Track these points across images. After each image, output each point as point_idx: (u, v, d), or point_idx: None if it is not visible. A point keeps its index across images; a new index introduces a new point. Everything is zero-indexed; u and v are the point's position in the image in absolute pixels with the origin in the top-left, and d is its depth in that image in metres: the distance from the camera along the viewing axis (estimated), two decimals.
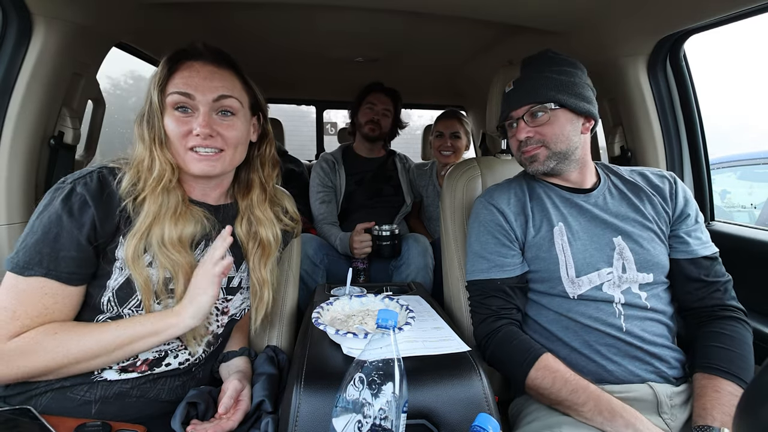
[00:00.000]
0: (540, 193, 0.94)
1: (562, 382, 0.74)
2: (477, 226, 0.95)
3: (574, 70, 0.90)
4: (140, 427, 0.67)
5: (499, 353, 0.83)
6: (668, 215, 0.90)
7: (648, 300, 0.83)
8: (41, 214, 0.65)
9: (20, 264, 0.63)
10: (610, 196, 0.92)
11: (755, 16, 0.98)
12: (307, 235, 1.58)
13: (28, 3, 0.93)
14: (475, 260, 0.93)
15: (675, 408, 0.77)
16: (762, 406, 0.33)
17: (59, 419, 0.64)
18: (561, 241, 0.87)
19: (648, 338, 0.82)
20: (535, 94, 0.87)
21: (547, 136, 0.87)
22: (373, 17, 1.41)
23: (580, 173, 0.93)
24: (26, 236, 0.65)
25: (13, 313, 0.63)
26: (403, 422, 0.51)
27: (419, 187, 1.96)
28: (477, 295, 0.91)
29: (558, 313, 0.86)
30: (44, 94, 1.00)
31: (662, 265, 0.87)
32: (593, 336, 0.83)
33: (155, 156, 0.71)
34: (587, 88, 0.90)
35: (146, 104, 0.73)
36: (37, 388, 0.67)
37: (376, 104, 1.79)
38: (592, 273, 0.84)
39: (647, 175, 0.95)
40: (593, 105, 0.89)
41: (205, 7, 1.32)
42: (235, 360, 0.84)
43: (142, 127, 0.73)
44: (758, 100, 7.13)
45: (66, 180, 0.68)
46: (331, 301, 0.84)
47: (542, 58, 0.92)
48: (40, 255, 0.63)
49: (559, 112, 0.87)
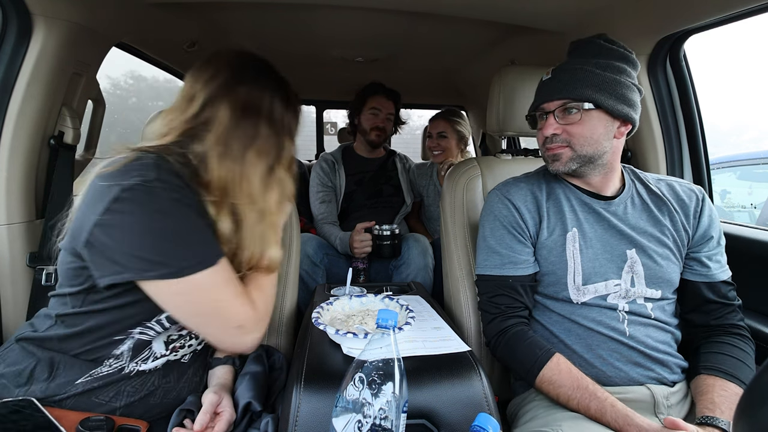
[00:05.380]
0: (559, 193, 0.89)
1: (571, 382, 0.75)
2: (492, 220, 0.91)
3: (624, 65, 0.81)
4: (143, 422, 0.68)
5: (509, 352, 0.83)
6: (688, 234, 0.86)
7: (653, 311, 0.83)
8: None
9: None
10: (631, 206, 0.87)
11: (755, 16, 0.98)
12: (306, 235, 1.58)
13: (27, 3, 0.93)
14: (489, 255, 0.90)
15: (671, 408, 0.78)
16: (761, 407, 0.33)
17: (63, 412, 0.64)
18: (573, 248, 0.85)
19: (652, 344, 0.81)
20: (572, 89, 0.80)
21: (575, 137, 0.82)
22: (374, 17, 1.41)
23: (603, 178, 0.87)
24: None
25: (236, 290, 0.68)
26: (403, 422, 0.51)
27: (419, 187, 1.96)
28: (487, 291, 0.89)
29: (561, 315, 0.85)
30: (44, 94, 1.00)
31: (672, 283, 0.85)
32: (596, 340, 0.82)
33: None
34: (632, 89, 0.81)
35: None
36: (71, 390, 0.67)
37: (380, 110, 1.78)
38: (599, 283, 0.83)
39: (675, 187, 0.90)
40: (634, 108, 0.82)
41: (205, 7, 1.31)
42: (217, 369, 0.82)
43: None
44: (758, 101, 7.13)
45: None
46: (331, 300, 0.84)
47: (592, 46, 0.84)
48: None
49: (593, 113, 0.80)
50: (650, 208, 0.87)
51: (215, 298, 0.66)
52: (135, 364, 0.70)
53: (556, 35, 1.30)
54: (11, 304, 0.97)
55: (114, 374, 0.69)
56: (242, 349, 0.73)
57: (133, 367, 0.70)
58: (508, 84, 1.11)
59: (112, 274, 0.60)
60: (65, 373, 0.66)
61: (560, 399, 0.76)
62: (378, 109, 1.78)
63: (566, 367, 0.77)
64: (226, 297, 0.67)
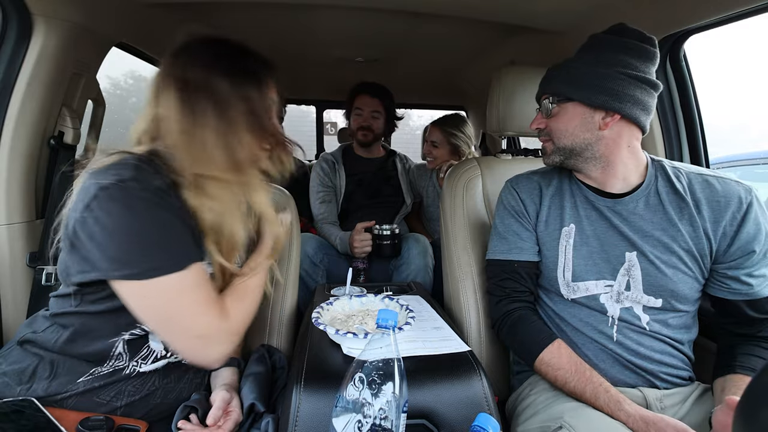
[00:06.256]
0: (566, 189, 0.89)
1: (570, 366, 0.77)
2: (502, 209, 0.95)
3: (618, 56, 0.77)
4: (142, 423, 0.68)
5: (512, 333, 0.86)
6: (710, 243, 0.77)
7: (649, 324, 0.79)
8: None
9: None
10: (644, 206, 0.81)
11: (755, 16, 0.98)
12: (307, 235, 1.58)
13: (28, 3, 0.93)
14: (498, 240, 0.94)
15: (665, 410, 0.77)
16: (762, 408, 0.33)
17: (63, 412, 0.64)
18: (566, 243, 0.86)
19: (643, 353, 0.79)
20: (547, 85, 0.86)
21: (553, 130, 0.85)
22: (374, 17, 1.41)
23: (603, 172, 0.83)
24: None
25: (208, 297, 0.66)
26: (403, 422, 0.51)
27: (419, 187, 1.96)
28: (495, 275, 0.93)
29: (553, 310, 0.87)
30: (44, 94, 1.00)
31: (678, 293, 0.77)
32: (581, 339, 0.83)
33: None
34: (621, 79, 0.76)
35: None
36: (73, 389, 0.67)
37: (363, 109, 1.76)
38: (590, 281, 0.83)
39: (714, 186, 0.79)
40: (618, 98, 0.76)
41: (205, 7, 1.32)
42: (222, 371, 0.83)
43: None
44: (758, 101, 7.13)
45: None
46: (331, 301, 0.84)
47: (596, 40, 0.83)
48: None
49: (568, 105, 0.82)
50: (666, 209, 0.79)
51: (179, 304, 0.63)
52: (135, 363, 0.70)
53: (556, 35, 1.31)
54: (11, 304, 0.97)
55: (115, 374, 0.69)
56: (203, 362, 0.69)
57: (133, 367, 0.70)
58: (508, 84, 1.11)
59: (82, 272, 0.61)
60: (66, 372, 0.67)
61: (558, 381, 0.78)
62: (361, 109, 1.77)
63: (566, 352, 0.79)
64: (191, 304, 0.64)
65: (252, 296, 0.76)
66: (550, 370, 0.79)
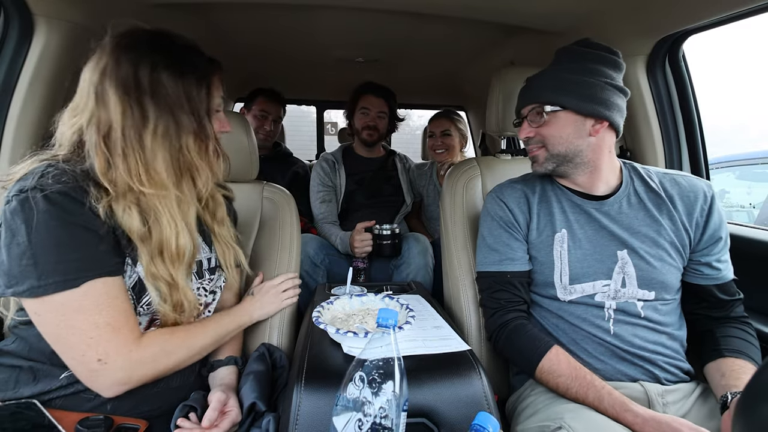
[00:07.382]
0: (550, 195, 0.92)
1: (570, 372, 0.77)
2: (489, 220, 0.95)
3: (599, 67, 0.83)
4: (142, 421, 0.68)
5: (510, 345, 0.86)
6: (689, 235, 0.84)
7: (643, 316, 0.82)
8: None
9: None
10: (627, 205, 0.86)
11: (755, 16, 0.98)
12: (307, 235, 1.59)
13: (29, 3, 0.93)
14: (487, 252, 0.93)
15: (667, 406, 0.77)
16: (761, 405, 0.33)
17: (63, 413, 0.65)
18: (560, 248, 0.87)
19: (638, 343, 0.81)
20: (538, 94, 0.86)
21: (547, 138, 0.86)
22: (374, 18, 1.41)
23: (590, 177, 0.88)
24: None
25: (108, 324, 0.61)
26: (403, 421, 0.51)
27: (419, 187, 1.96)
28: (487, 288, 0.93)
29: (549, 311, 0.88)
30: (46, 94, 1.00)
31: (667, 284, 0.83)
32: (580, 335, 0.84)
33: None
34: (607, 89, 0.82)
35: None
36: (56, 385, 0.67)
37: (370, 109, 1.78)
38: (587, 283, 0.84)
39: (681, 183, 0.87)
40: (608, 106, 0.82)
41: (206, 8, 1.32)
42: (220, 370, 0.82)
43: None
44: (757, 101, 7.13)
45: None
46: (332, 300, 0.85)
47: (567, 52, 0.88)
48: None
49: (560, 114, 0.84)
50: (647, 207, 0.86)
51: (70, 324, 0.59)
52: None
53: (555, 35, 1.31)
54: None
55: None
56: (94, 388, 0.64)
57: None
58: (507, 84, 1.11)
59: None
60: (47, 374, 0.66)
61: (559, 388, 0.78)
62: (368, 109, 1.78)
63: (565, 358, 0.79)
64: (86, 324, 0.60)
65: (190, 341, 0.71)
66: (551, 378, 0.79)
